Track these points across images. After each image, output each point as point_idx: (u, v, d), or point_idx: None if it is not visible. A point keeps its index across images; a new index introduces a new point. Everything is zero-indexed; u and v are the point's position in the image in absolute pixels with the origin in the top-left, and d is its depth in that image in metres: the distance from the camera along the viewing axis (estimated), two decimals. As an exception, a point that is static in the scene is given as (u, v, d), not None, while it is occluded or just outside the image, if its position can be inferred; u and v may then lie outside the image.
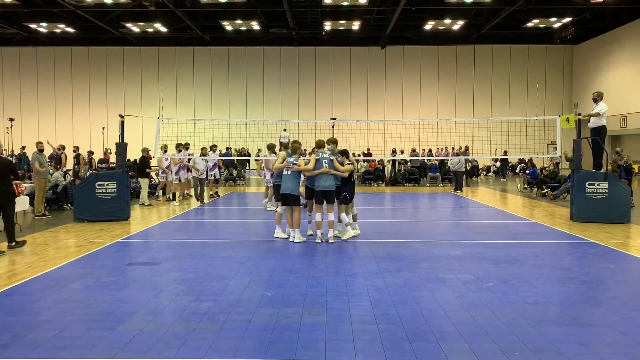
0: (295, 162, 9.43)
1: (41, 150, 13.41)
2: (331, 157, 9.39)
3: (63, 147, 20.83)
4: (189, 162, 16.00)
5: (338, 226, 9.88)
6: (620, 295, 6.16)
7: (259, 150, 30.05)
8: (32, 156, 13.39)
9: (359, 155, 25.77)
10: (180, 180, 16.29)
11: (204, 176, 16.24)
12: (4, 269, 7.46)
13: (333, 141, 9.94)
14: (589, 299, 6.03)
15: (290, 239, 9.49)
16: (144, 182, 15.64)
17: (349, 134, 25.55)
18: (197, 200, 16.27)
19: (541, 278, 6.93)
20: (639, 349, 4.53)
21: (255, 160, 26.47)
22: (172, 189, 16.24)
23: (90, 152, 21.75)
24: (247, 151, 30.95)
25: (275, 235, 9.93)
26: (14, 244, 8.97)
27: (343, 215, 9.62)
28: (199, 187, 16.27)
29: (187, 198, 17.03)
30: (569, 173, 17.71)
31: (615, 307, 5.67)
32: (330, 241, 9.26)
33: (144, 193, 15.52)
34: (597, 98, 12.65)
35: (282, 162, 9.54)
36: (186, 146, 16.85)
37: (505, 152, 26.62)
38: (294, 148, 9.77)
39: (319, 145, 9.69)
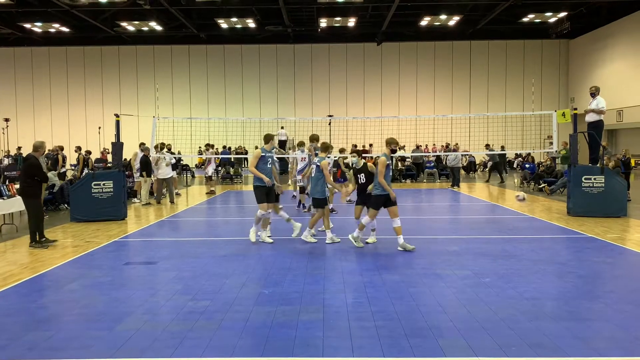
0: (318, 163, 9.24)
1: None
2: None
3: (61, 148, 20.76)
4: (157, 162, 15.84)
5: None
6: (618, 289, 6.18)
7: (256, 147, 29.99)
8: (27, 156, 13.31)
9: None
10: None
11: (168, 176, 15.62)
12: (1, 270, 7.43)
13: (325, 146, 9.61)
14: (586, 294, 6.04)
15: (303, 237, 9.27)
16: (144, 181, 15.48)
17: (346, 131, 25.53)
18: (157, 202, 15.66)
19: (538, 273, 6.94)
20: (636, 343, 4.54)
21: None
22: (136, 186, 16.34)
23: (88, 152, 21.67)
24: (245, 149, 30.89)
25: (249, 235, 9.31)
26: (33, 243, 9.00)
27: (369, 220, 9.42)
28: (163, 188, 15.83)
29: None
30: (562, 168, 17.74)
31: (612, 301, 5.69)
32: (358, 244, 8.86)
33: (144, 192, 15.41)
34: (595, 92, 12.62)
35: (254, 160, 8.93)
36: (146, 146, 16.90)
37: (503, 147, 26.64)
38: (324, 147, 9.47)
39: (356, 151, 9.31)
